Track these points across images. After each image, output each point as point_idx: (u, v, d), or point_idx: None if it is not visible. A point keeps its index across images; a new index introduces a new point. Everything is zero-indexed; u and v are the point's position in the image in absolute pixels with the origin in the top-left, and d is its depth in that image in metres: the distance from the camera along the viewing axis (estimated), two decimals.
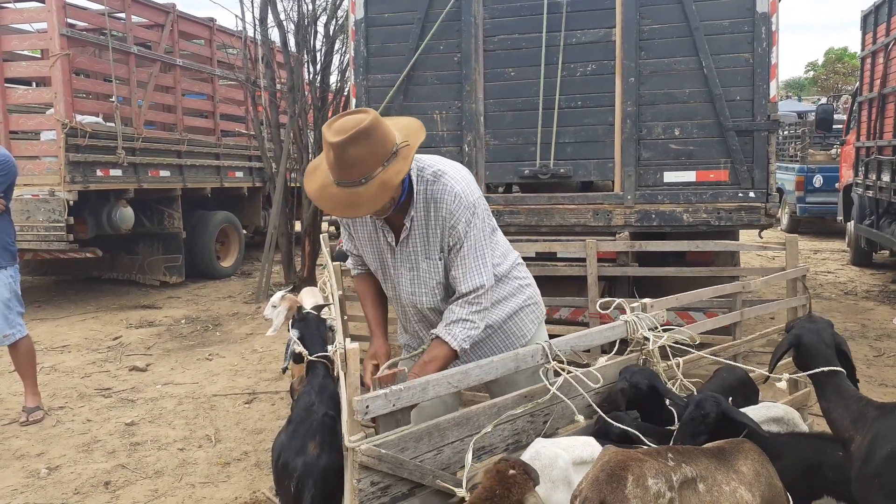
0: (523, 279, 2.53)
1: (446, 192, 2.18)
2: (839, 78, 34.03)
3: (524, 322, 2.49)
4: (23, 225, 7.31)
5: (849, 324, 6.53)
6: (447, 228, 2.20)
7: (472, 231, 2.20)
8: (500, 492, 1.69)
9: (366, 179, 2.01)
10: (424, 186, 2.20)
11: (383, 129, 2.04)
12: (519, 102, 5.08)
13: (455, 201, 2.17)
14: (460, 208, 2.18)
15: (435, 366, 2.15)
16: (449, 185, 2.19)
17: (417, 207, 2.21)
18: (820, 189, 12.42)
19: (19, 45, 8.23)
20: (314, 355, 2.76)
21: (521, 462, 1.78)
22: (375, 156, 2.00)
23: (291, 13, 8.55)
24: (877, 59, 8.63)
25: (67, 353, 6.27)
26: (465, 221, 2.19)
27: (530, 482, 1.71)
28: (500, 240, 2.48)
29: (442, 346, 2.20)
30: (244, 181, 10.82)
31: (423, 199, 2.21)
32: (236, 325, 7.24)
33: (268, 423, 4.47)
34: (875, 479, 1.79)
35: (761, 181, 4.69)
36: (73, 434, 4.36)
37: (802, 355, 2.15)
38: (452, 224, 2.18)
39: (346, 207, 2.08)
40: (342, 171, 2.01)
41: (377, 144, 2.01)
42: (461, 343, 2.20)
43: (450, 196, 2.18)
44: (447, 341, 2.19)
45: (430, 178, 2.21)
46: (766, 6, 4.58)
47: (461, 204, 2.18)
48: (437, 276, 2.28)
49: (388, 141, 2.04)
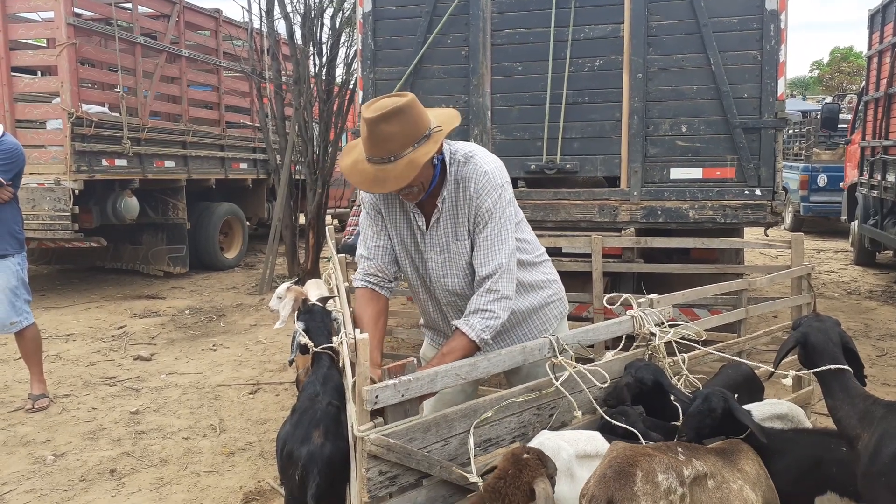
0: (550, 273, 2.56)
1: (476, 170, 2.23)
2: (844, 77, 33.91)
3: (548, 317, 2.52)
4: (28, 213, 7.31)
5: (852, 323, 6.54)
6: (474, 207, 2.23)
7: (498, 211, 2.23)
8: (511, 472, 1.71)
9: (395, 158, 2.07)
10: (456, 168, 2.25)
11: (417, 112, 2.10)
12: (526, 97, 5.07)
13: (484, 178, 2.22)
14: (488, 186, 2.22)
15: (453, 357, 2.14)
16: (479, 164, 2.24)
17: (449, 189, 2.25)
18: (824, 188, 12.41)
19: (25, 34, 8.24)
20: (320, 347, 2.78)
21: (536, 450, 1.79)
22: (406, 135, 2.07)
23: (298, 5, 8.55)
24: (884, 59, 8.60)
25: (72, 341, 6.29)
26: (493, 200, 2.22)
27: (542, 468, 1.72)
28: (528, 231, 2.52)
29: (461, 338, 2.20)
30: (248, 173, 10.83)
31: (453, 181, 2.25)
32: (240, 316, 7.26)
33: (272, 413, 4.49)
34: (882, 476, 1.80)
35: (768, 179, 4.69)
36: (78, 422, 4.39)
37: (809, 353, 2.15)
38: (479, 202, 2.22)
39: (374, 183, 2.14)
40: (373, 148, 2.09)
41: (409, 125, 2.07)
42: (479, 334, 2.19)
43: (479, 174, 2.23)
44: (465, 332, 2.20)
45: (461, 159, 2.26)
46: (774, 4, 4.57)
47: (490, 182, 2.22)
48: (466, 257, 2.30)
49: (421, 123, 2.10)
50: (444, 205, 2.27)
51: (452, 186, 2.25)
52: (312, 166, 8.63)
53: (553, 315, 2.54)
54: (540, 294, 2.49)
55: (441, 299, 2.43)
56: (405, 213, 2.36)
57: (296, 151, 8.78)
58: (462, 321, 2.23)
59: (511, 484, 1.71)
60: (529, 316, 2.47)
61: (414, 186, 2.18)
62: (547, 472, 1.73)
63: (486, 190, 2.22)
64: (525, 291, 2.43)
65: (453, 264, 2.32)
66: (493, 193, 2.22)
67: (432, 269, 2.37)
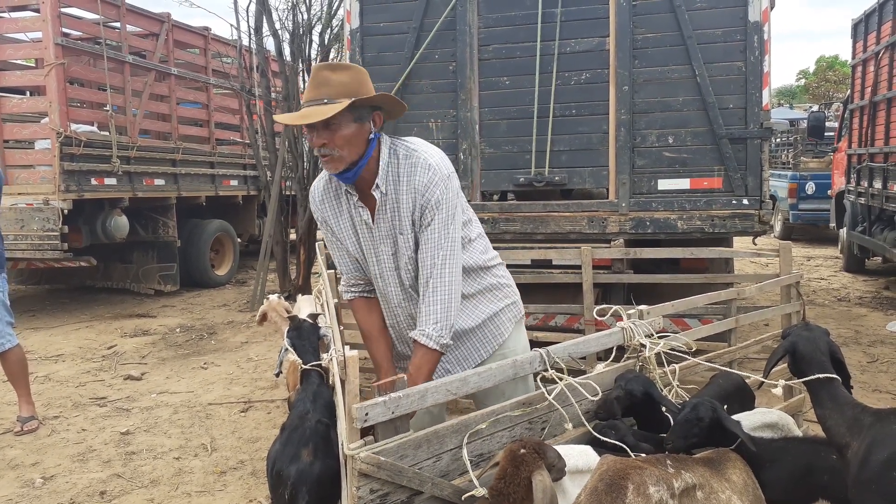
0: (503, 277, 2.50)
1: (419, 164, 2.18)
2: (830, 86, 34.27)
3: (502, 321, 2.47)
4: (17, 234, 7.30)
5: (842, 330, 6.57)
6: (420, 201, 2.18)
7: (445, 203, 2.19)
8: (510, 471, 1.70)
9: (328, 101, 2.06)
10: (396, 161, 2.21)
11: (365, 80, 2.13)
12: (514, 111, 5.10)
13: (429, 172, 2.17)
14: (435, 178, 2.17)
15: (423, 373, 2.14)
16: (422, 158, 2.20)
17: (388, 180, 2.20)
18: (812, 196, 12.50)
19: (14, 55, 8.23)
20: (308, 364, 2.77)
21: (534, 442, 1.78)
22: (346, 86, 2.07)
23: (287, 22, 8.58)
24: (867, 67, 8.71)
25: (62, 362, 6.24)
26: (440, 192, 2.17)
27: (539, 460, 1.71)
28: (479, 233, 2.45)
29: (422, 351, 2.18)
30: (239, 189, 10.82)
31: (393, 173, 2.21)
32: (231, 334, 7.22)
33: (264, 431, 4.46)
34: (872, 484, 1.80)
35: (755, 188, 4.72)
36: (68, 443, 4.34)
37: (798, 362, 2.16)
38: (427, 195, 2.17)
39: (298, 118, 2.13)
40: (311, 91, 2.10)
41: (353, 81, 2.09)
42: (438, 339, 2.17)
43: (424, 167, 2.18)
44: (425, 343, 2.16)
45: (403, 152, 2.22)
46: (757, 15, 4.63)
47: (436, 174, 2.18)
48: (410, 251, 2.26)
49: (364, 88, 2.11)
50: (385, 198, 2.22)
51: (393, 178, 2.21)
52: (302, 182, 8.63)
53: (507, 318, 2.48)
54: (493, 297, 2.44)
55: (392, 299, 2.37)
56: (350, 213, 2.32)
57: (286, 167, 8.78)
58: (417, 332, 2.19)
59: (511, 482, 1.71)
60: (484, 322, 2.42)
61: (335, 149, 2.11)
62: (546, 462, 1.73)
63: (434, 182, 2.17)
64: (479, 296, 2.39)
65: (402, 255, 2.28)
66: (440, 185, 2.17)
67: (384, 263, 2.32)
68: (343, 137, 2.10)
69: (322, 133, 2.10)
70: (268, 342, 6.69)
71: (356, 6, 5.23)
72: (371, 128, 2.16)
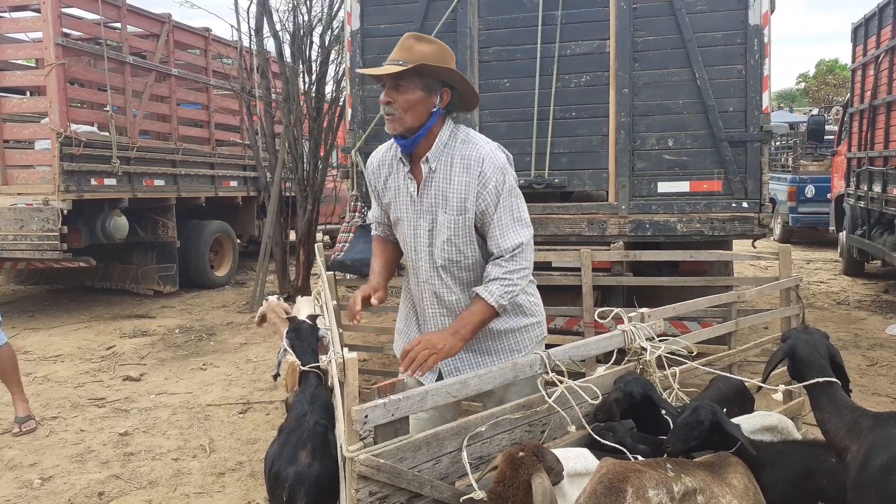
0: (532, 294, 2.54)
1: (475, 152, 2.27)
2: (830, 89, 34.30)
3: (524, 339, 2.47)
4: (16, 234, 7.29)
5: (841, 333, 6.56)
6: (477, 190, 2.25)
7: (505, 192, 2.27)
8: (509, 473, 1.70)
9: (403, 63, 2.17)
10: (454, 143, 2.30)
11: (449, 58, 2.23)
12: (514, 113, 5.10)
13: (486, 162, 2.25)
14: (491, 169, 2.25)
15: (472, 319, 2.23)
16: (479, 146, 2.29)
17: (440, 159, 2.29)
18: (812, 199, 12.51)
19: (14, 55, 8.23)
20: (307, 366, 2.77)
21: (533, 445, 1.78)
22: (425, 55, 2.18)
23: (287, 23, 8.58)
24: (867, 71, 8.72)
25: (60, 362, 6.23)
26: (497, 182, 2.25)
27: (538, 462, 1.71)
28: None
29: (480, 303, 2.25)
30: (239, 190, 10.81)
31: (448, 154, 2.29)
32: (230, 335, 7.22)
33: (262, 432, 4.45)
34: (871, 488, 1.80)
35: (754, 191, 4.72)
36: (66, 444, 4.34)
37: (797, 366, 2.16)
38: (483, 184, 2.24)
39: (373, 71, 2.26)
40: (394, 53, 2.21)
41: (433, 54, 2.19)
42: (498, 299, 2.24)
43: (478, 158, 2.26)
44: (485, 297, 2.24)
45: (462, 136, 2.32)
46: (758, 19, 4.63)
47: (492, 164, 2.25)
48: (448, 232, 2.31)
49: (445, 64, 2.21)
50: (434, 175, 2.29)
51: (447, 158, 2.29)
52: (302, 183, 8.63)
53: (530, 337, 2.49)
54: (520, 312, 2.45)
55: (421, 274, 2.40)
56: (398, 184, 2.39)
57: (286, 169, 8.78)
58: (481, 288, 2.26)
59: (510, 486, 1.71)
60: (506, 334, 2.43)
61: (398, 109, 2.22)
62: (545, 465, 1.72)
63: (490, 172, 2.24)
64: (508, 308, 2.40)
65: (438, 233, 2.32)
66: (496, 175, 2.25)
67: (420, 238, 2.36)
68: (407, 101, 2.21)
69: (390, 92, 2.23)
70: (267, 343, 6.69)
71: (357, 8, 5.23)
72: (437, 102, 2.25)
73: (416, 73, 2.18)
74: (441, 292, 2.36)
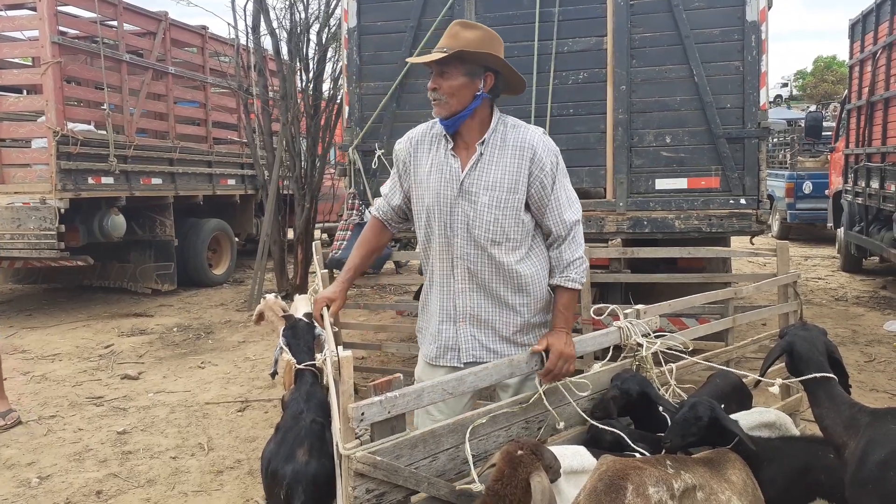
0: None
1: (527, 136, 2.33)
2: (828, 86, 34.32)
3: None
4: (14, 233, 7.28)
5: (839, 329, 6.57)
6: (530, 170, 2.30)
7: (560, 172, 2.36)
8: (507, 472, 1.70)
9: (448, 50, 2.24)
10: (504, 128, 2.36)
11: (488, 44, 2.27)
12: (511, 110, 5.06)
13: (540, 145, 2.32)
14: (545, 151, 2.33)
15: (569, 312, 2.36)
16: (531, 130, 2.36)
17: (494, 142, 2.34)
18: (810, 196, 12.51)
19: (10, 53, 8.22)
20: (303, 364, 2.77)
21: (530, 443, 1.78)
22: (469, 42, 2.24)
23: (284, 21, 8.56)
24: (865, 68, 8.72)
25: (58, 361, 6.23)
26: (552, 163, 2.33)
27: (537, 461, 1.71)
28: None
29: (567, 293, 2.36)
30: (236, 189, 10.79)
31: (500, 137, 2.35)
32: (228, 333, 7.21)
33: (260, 430, 4.45)
34: (869, 483, 1.80)
35: (752, 188, 4.72)
36: (64, 443, 4.33)
37: (795, 361, 2.16)
38: (540, 166, 2.31)
39: (420, 59, 2.39)
40: (441, 41, 2.28)
41: (478, 40, 2.25)
42: (580, 280, 2.37)
43: (531, 141, 2.32)
44: (569, 286, 2.35)
45: (511, 122, 2.38)
46: (755, 15, 4.62)
47: (546, 147, 2.34)
48: (496, 212, 2.31)
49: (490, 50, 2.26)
50: (485, 155, 2.33)
51: (499, 142, 2.34)
52: (300, 181, 8.62)
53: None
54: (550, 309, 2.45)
55: (456, 250, 2.37)
56: (439, 160, 2.39)
57: (283, 167, 8.76)
58: (562, 279, 2.36)
59: (508, 484, 1.71)
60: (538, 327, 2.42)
61: (443, 94, 2.27)
62: (544, 464, 1.72)
63: (546, 155, 2.32)
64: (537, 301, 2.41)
65: (481, 211, 2.32)
66: (551, 156, 2.33)
67: (458, 214, 2.34)
68: (451, 86, 2.28)
69: (436, 79, 2.30)
70: (265, 341, 6.68)
71: (353, 5, 5.22)
72: (480, 86, 2.30)
73: (459, 59, 2.25)
74: (476, 269, 2.35)
